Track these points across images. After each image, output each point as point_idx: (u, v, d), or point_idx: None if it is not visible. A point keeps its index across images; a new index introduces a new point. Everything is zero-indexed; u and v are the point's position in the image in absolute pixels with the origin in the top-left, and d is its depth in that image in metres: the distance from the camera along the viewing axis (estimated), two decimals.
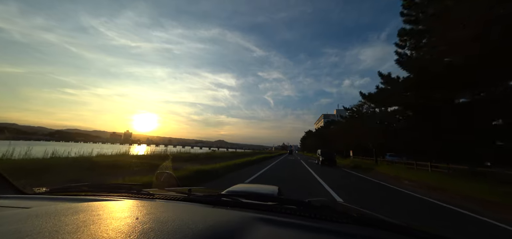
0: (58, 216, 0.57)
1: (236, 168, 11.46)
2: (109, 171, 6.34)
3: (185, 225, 0.57)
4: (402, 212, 5.19)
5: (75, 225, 0.51)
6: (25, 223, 0.51)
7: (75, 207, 0.67)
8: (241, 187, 1.65)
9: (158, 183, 1.62)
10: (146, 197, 1.01)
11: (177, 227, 0.55)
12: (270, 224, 0.69)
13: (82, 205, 0.71)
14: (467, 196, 6.96)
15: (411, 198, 6.94)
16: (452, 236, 0.76)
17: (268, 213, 0.83)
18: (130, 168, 7.12)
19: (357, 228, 0.73)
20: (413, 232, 0.73)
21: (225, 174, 9.36)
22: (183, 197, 0.99)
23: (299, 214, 0.83)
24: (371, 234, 0.70)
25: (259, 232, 0.62)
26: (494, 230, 4.26)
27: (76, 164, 5.93)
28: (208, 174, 8.08)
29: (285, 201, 0.95)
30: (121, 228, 0.51)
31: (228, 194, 1.07)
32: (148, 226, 0.54)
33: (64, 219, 0.55)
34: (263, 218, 0.74)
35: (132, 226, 0.53)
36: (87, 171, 5.76)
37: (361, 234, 0.68)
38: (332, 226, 0.74)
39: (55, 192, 1.08)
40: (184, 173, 6.96)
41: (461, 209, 5.60)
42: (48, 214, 0.59)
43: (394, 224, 0.76)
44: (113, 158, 7.71)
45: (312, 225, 0.72)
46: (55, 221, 0.53)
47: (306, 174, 11.68)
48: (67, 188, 1.14)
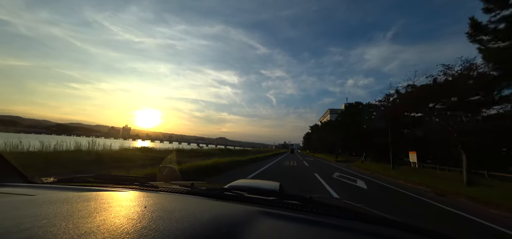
0: (70, 202, 0.59)
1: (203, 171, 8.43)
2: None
3: (192, 214, 0.59)
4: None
5: (87, 211, 0.53)
6: (29, 210, 0.53)
7: (85, 195, 0.69)
8: (243, 183, 1.65)
9: (161, 176, 1.63)
10: (150, 189, 1.03)
11: (184, 216, 0.57)
12: (273, 218, 0.70)
13: (91, 194, 0.72)
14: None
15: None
16: (452, 235, 0.75)
17: (271, 207, 0.84)
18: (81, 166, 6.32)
19: (358, 224, 0.75)
20: (413, 229, 0.74)
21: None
22: (186, 190, 1.01)
23: (301, 209, 0.83)
24: (372, 230, 0.71)
25: (262, 224, 0.63)
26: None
27: (53, 157, 6.01)
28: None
29: (287, 196, 0.96)
30: (131, 215, 0.53)
31: (230, 188, 1.09)
32: (156, 214, 0.56)
33: (76, 206, 0.57)
34: (266, 212, 0.75)
35: (141, 214, 0.55)
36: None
37: (362, 230, 0.70)
38: (334, 221, 0.75)
39: (62, 182, 1.12)
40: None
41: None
42: (61, 200, 0.61)
43: (395, 221, 0.77)
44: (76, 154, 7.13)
45: (314, 220, 0.73)
46: (68, 207, 0.55)
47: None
48: (73, 178, 1.18)
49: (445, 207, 6.10)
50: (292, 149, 78.14)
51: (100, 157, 7.56)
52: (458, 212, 5.57)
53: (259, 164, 15.50)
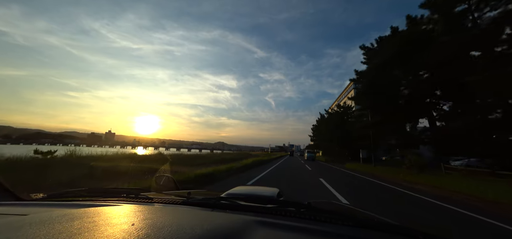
0: (52, 224, 0.57)
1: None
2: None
3: (182, 230, 0.57)
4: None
5: (69, 232, 0.51)
6: (19, 232, 0.51)
7: (71, 213, 0.67)
8: (241, 190, 1.55)
9: (157, 186, 1.63)
10: (144, 201, 1.01)
11: (174, 232, 0.55)
12: (269, 227, 0.69)
13: (79, 211, 0.71)
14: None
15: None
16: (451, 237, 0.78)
17: (267, 215, 0.83)
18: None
19: (358, 231, 0.73)
20: (413, 234, 0.72)
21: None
22: (181, 201, 0.99)
23: (299, 216, 0.82)
24: (372, 236, 0.71)
25: (257, 235, 0.62)
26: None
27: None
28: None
29: (284, 203, 0.96)
30: (116, 235, 0.51)
31: (227, 197, 1.09)
32: (144, 232, 0.54)
33: (58, 227, 0.55)
34: (262, 221, 0.73)
35: (127, 233, 0.53)
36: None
37: (362, 237, 0.69)
38: (332, 229, 0.73)
39: (52, 197, 1.08)
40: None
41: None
42: (43, 222, 0.58)
43: (395, 226, 0.78)
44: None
45: (312, 228, 0.72)
46: (49, 229, 0.53)
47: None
48: (65, 193, 1.14)
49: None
50: (292, 152, 73.95)
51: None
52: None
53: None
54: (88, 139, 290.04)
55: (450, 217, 4.98)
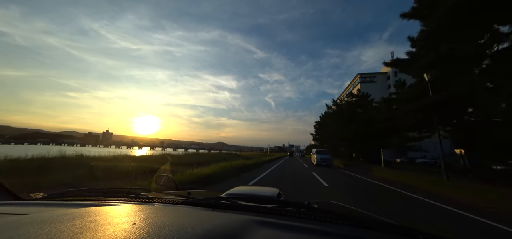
0: (53, 223, 0.57)
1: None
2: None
3: (183, 229, 0.58)
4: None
5: (71, 232, 0.51)
6: (20, 231, 0.51)
7: (72, 213, 0.67)
8: (241, 190, 1.55)
9: (158, 186, 1.63)
10: (145, 201, 1.01)
11: (175, 232, 0.55)
12: (269, 227, 0.69)
13: (80, 211, 0.70)
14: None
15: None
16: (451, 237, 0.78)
17: (267, 215, 0.83)
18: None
19: (358, 230, 0.73)
20: (413, 234, 0.72)
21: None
22: (182, 201, 1.00)
23: (299, 216, 0.82)
24: (372, 236, 0.71)
25: (257, 235, 0.62)
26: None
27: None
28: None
29: (284, 203, 0.96)
30: (118, 234, 0.51)
31: (227, 197, 1.08)
32: (146, 231, 0.54)
33: (59, 226, 0.54)
34: (262, 221, 0.73)
35: (129, 232, 0.53)
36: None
37: (362, 237, 0.69)
38: (333, 228, 0.74)
39: (52, 197, 1.07)
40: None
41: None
42: (44, 221, 0.58)
43: (396, 226, 0.78)
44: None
45: (312, 227, 0.72)
46: (50, 229, 0.53)
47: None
48: (65, 193, 1.13)
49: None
50: (291, 153, 72.13)
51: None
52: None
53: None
54: (84, 139, 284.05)
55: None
